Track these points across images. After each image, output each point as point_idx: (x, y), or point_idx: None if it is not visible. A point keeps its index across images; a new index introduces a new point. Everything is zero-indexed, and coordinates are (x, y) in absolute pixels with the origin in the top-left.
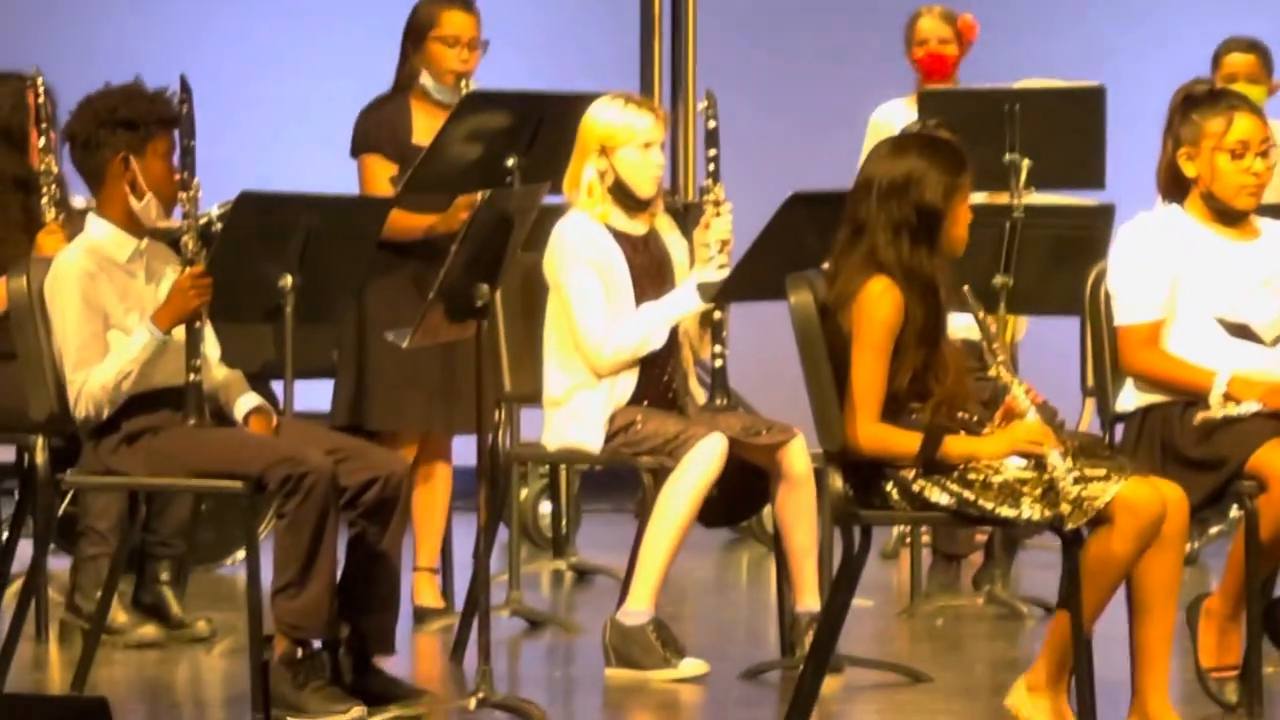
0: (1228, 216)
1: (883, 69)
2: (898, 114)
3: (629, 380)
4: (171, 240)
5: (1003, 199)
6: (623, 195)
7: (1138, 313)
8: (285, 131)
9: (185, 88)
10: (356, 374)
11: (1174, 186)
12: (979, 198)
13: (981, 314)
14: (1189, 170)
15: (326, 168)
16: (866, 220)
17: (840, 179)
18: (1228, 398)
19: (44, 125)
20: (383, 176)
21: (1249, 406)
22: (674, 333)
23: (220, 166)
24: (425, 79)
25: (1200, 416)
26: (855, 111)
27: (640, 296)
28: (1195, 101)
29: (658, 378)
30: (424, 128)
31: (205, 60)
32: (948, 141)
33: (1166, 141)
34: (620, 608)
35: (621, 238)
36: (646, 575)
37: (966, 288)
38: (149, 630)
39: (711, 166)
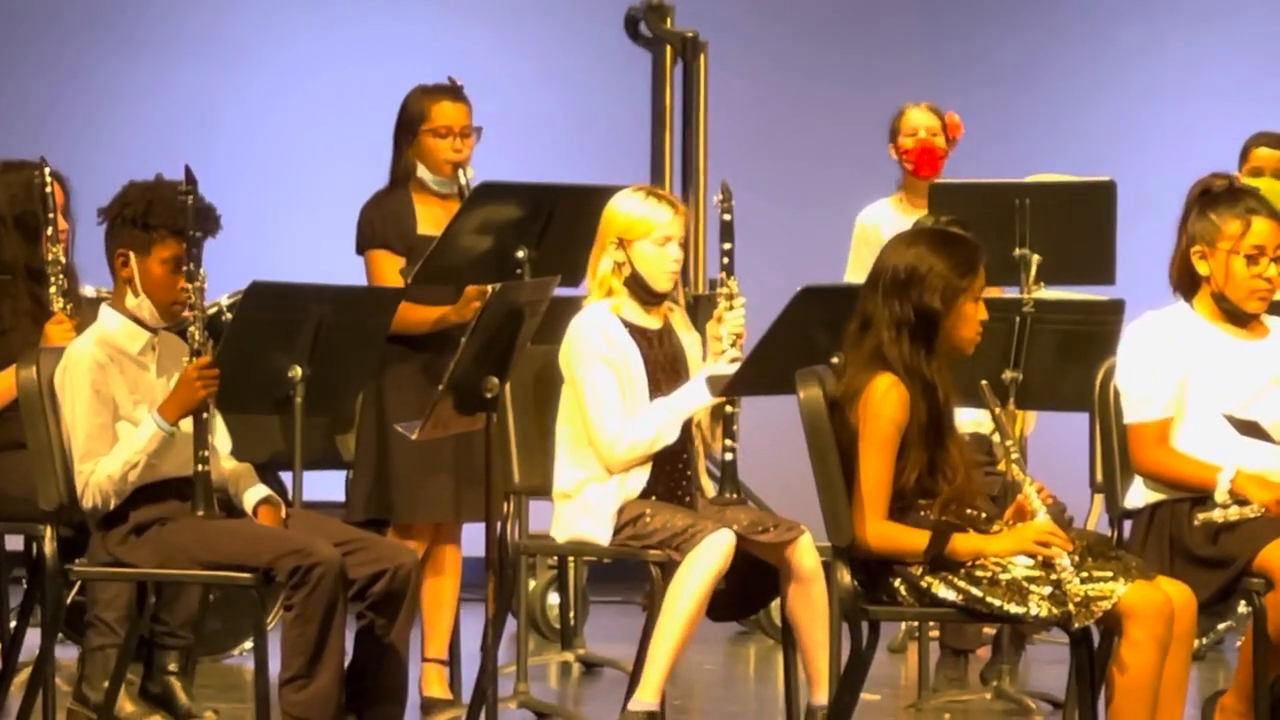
0: (1237, 316)
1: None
2: (883, 214)
3: (641, 474)
4: (180, 331)
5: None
6: (639, 288)
7: (1146, 411)
8: (292, 221)
9: (190, 178)
10: (377, 466)
11: (1185, 281)
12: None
13: (998, 409)
14: (1202, 268)
15: (332, 259)
16: (873, 314)
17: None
18: (1232, 495)
19: (51, 214)
20: (391, 270)
21: (1250, 510)
22: (687, 426)
23: (227, 256)
24: (422, 171)
25: (1201, 518)
26: (865, 206)
27: (654, 392)
28: (1213, 199)
29: (669, 472)
30: (427, 218)
31: (214, 148)
32: (962, 239)
33: (1181, 235)
34: (628, 700)
35: (637, 332)
36: (654, 668)
37: (985, 383)
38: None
39: (725, 260)
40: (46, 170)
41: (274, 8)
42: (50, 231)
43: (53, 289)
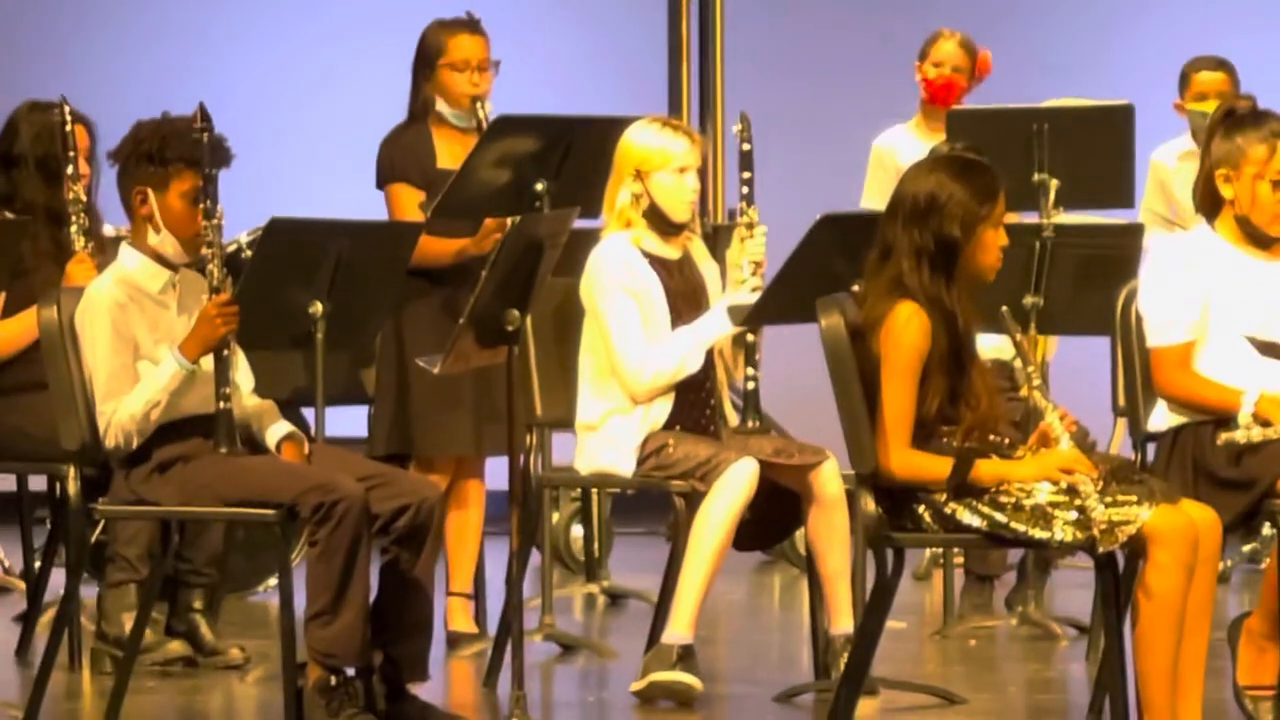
0: (1259, 238)
1: (913, 88)
2: (899, 139)
3: (664, 405)
4: (200, 269)
5: (1030, 219)
6: (657, 219)
7: (1169, 334)
8: (311, 158)
9: (204, 116)
10: (397, 401)
11: (1208, 202)
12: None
13: (1019, 336)
14: (1226, 192)
15: (351, 195)
16: (894, 243)
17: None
18: (1256, 418)
19: (71, 154)
20: (411, 204)
21: (1273, 432)
22: (709, 356)
23: (247, 194)
24: (441, 105)
25: (1224, 438)
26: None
27: (676, 321)
28: (1238, 122)
29: (693, 402)
30: (446, 152)
31: (233, 87)
32: (981, 166)
33: (1204, 158)
34: (660, 633)
35: (656, 262)
36: (685, 601)
37: (1005, 309)
38: (176, 646)
39: (745, 189)
40: (67, 109)
41: None
42: (71, 170)
43: (74, 228)
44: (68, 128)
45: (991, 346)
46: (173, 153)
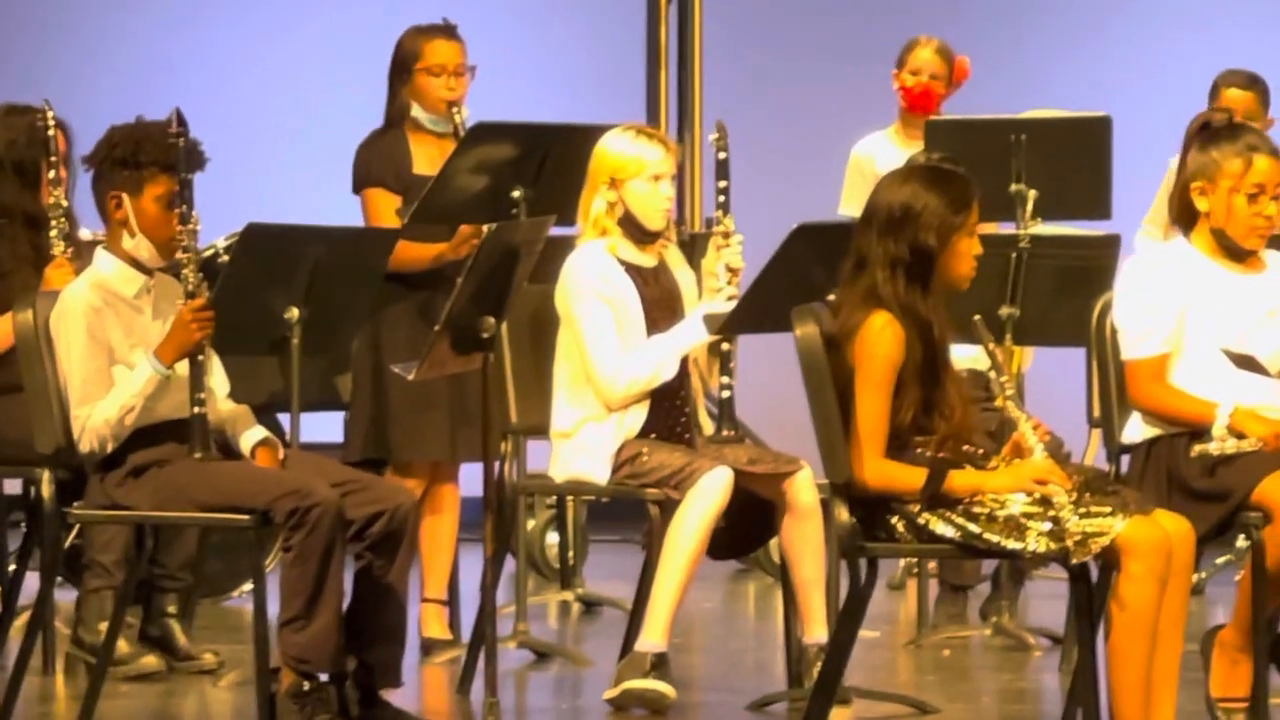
0: (1234, 251)
1: (891, 97)
2: (878, 146)
3: (639, 413)
4: (175, 273)
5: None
6: (632, 227)
7: (1145, 347)
8: (288, 163)
9: (181, 122)
10: (373, 406)
11: (1184, 215)
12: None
13: (992, 346)
14: (1201, 205)
15: (327, 200)
16: (868, 253)
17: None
18: (1230, 430)
19: (54, 159)
20: (388, 209)
21: (1247, 444)
22: (685, 364)
23: (223, 198)
24: (417, 111)
25: (1197, 450)
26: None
27: (651, 329)
28: (1214, 135)
29: (668, 410)
30: (423, 157)
31: (210, 92)
32: (955, 175)
33: (1180, 170)
34: (634, 641)
35: (632, 270)
36: (659, 610)
37: (978, 318)
38: (150, 660)
39: (721, 198)
40: (50, 114)
41: None
42: (52, 175)
43: (53, 232)
44: (50, 132)
45: (966, 356)
46: (147, 156)
